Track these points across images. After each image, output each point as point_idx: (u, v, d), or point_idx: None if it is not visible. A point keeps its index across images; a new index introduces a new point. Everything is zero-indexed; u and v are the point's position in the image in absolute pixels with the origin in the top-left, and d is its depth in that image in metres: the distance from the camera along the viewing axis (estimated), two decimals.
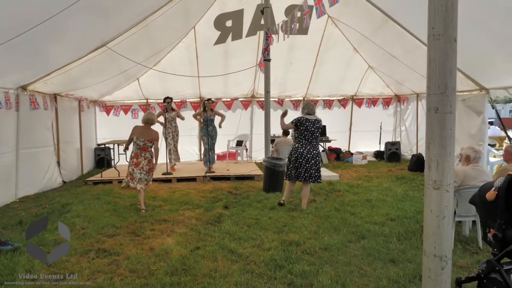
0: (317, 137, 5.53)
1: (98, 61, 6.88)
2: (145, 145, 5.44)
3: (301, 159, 5.49)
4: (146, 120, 5.51)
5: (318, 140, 5.59)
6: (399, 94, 11.18)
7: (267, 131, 7.36)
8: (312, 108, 5.57)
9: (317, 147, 5.54)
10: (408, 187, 7.00)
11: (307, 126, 5.54)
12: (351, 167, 9.63)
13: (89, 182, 7.74)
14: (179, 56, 8.99)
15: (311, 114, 5.55)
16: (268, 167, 6.62)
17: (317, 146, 5.56)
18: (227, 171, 8.47)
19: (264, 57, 6.94)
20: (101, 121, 10.50)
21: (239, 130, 10.66)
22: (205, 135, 8.37)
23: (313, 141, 5.49)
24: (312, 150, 5.45)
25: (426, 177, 2.42)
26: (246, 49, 9.07)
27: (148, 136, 5.42)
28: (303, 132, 5.54)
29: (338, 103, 11.27)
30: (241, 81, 10.01)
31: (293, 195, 6.05)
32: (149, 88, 9.89)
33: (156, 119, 5.56)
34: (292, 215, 5.12)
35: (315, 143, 5.51)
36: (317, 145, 5.57)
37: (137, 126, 5.56)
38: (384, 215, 5.13)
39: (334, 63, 9.82)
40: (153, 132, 5.46)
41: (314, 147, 5.49)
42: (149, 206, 5.66)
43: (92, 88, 8.68)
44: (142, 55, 7.86)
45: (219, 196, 6.33)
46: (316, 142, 5.54)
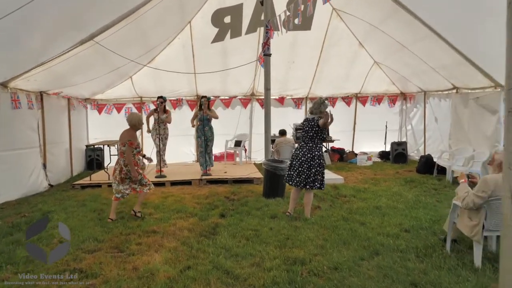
0: (313, 137, 4.88)
1: (86, 57, 6.38)
2: (120, 150, 4.94)
3: (295, 161, 5.00)
4: (127, 120, 5.03)
5: (316, 141, 4.89)
6: (405, 92, 10.69)
7: (268, 131, 6.85)
8: (316, 107, 5.03)
9: (314, 149, 4.87)
10: (419, 192, 6.51)
11: (303, 126, 5.07)
12: (355, 169, 9.14)
13: (76, 186, 7.24)
14: (175, 54, 8.48)
15: (313, 113, 5.05)
16: (269, 171, 6.12)
17: (316, 148, 4.87)
18: (224, 173, 7.98)
19: (264, 51, 6.43)
20: (93, 120, 9.99)
21: (238, 129, 10.17)
22: (200, 136, 7.87)
23: (309, 142, 4.91)
24: (307, 153, 4.89)
25: (506, 184, 1.97)
26: (245, 47, 8.57)
27: (121, 139, 4.93)
28: (300, 133, 5.09)
29: (342, 100, 10.76)
30: (241, 79, 9.51)
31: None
32: (143, 86, 9.38)
33: (136, 120, 4.95)
34: (295, 226, 4.63)
35: (311, 145, 4.89)
36: (315, 146, 4.88)
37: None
38: (397, 225, 4.64)
39: (338, 59, 9.32)
40: (125, 135, 4.91)
41: (311, 149, 4.87)
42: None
43: (82, 87, 8.17)
44: (134, 52, 7.36)
45: (215, 202, 5.84)
46: (313, 143, 4.88)
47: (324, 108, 4.93)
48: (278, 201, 5.87)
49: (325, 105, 4.97)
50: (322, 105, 4.95)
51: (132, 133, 4.94)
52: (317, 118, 4.89)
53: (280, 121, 9.94)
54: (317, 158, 4.85)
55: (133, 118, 4.99)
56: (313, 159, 4.85)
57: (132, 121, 4.95)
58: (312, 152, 4.88)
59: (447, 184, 7.10)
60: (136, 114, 5.22)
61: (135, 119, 4.97)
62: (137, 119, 5.01)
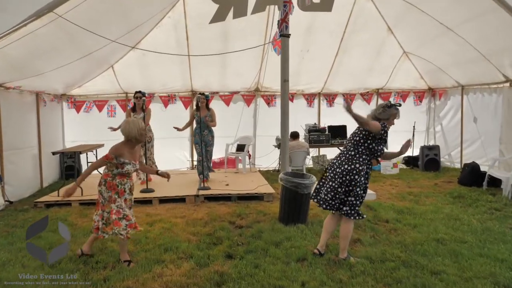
0: (358, 144, 3.46)
1: (47, 35, 4.87)
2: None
3: (329, 172, 3.59)
4: (121, 131, 3.51)
5: (361, 150, 3.44)
6: (434, 87, 9.25)
7: (285, 135, 5.36)
8: (380, 111, 3.55)
9: (355, 161, 3.42)
10: (478, 213, 5.06)
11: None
12: (382, 178, 7.68)
13: (39, 204, 5.70)
14: (165, 37, 6.94)
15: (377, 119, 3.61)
16: (288, 189, 4.64)
17: (357, 160, 3.42)
18: (226, 186, 6.48)
19: (280, 31, 4.93)
20: (70, 120, 8.44)
21: (240, 131, 8.66)
22: (198, 141, 6.39)
23: (351, 150, 3.48)
24: (344, 163, 3.44)
25: None
26: (251, 30, 7.06)
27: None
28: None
29: (360, 97, 9.30)
30: (243, 71, 8.02)
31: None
32: (128, 78, 7.81)
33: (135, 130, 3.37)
34: (339, 279, 3.14)
35: (352, 154, 3.45)
36: (358, 158, 3.42)
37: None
38: (487, 276, 3.17)
39: (362, 49, 7.85)
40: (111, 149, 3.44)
41: (350, 160, 3.43)
42: (109, 255, 3.66)
43: (51, 77, 6.58)
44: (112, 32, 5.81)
45: (218, 232, 4.33)
46: (356, 152, 3.45)
47: (391, 113, 3.49)
48: (301, 229, 4.41)
49: (390, 109, 3.50)
50: (387, 108, 3.49)
51: (122, 148, 3.40)
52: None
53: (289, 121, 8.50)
54: (355, 173, 3.38)
55: (131, 128, 3.36)
56: (349, 173, 3.39)
57: (131, 133, 3.37)
58: (352, 163, 3.42)
59: (506, 201, 5.66)
60: (134, 121, 3.45)
61: (133, 130, 3.36)
62: (136, 128, 3.37)
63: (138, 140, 3.46)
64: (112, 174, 3.44)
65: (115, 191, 3.43)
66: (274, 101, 8.83)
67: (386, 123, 3.47)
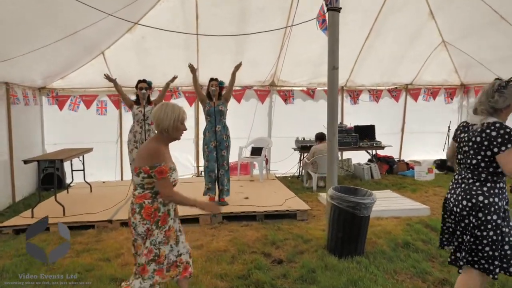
0: (479, 166, 2.24)
1: (14, 6, 3.59)
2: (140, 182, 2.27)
3: (447, 213, 2.43)
4: (152, 119, 2.33)
5: (486, 177, 2.23)
6: (467, 83, 8.24)
7: (332, 139, 4.16)
8: (482, 101, 2.35)
9: (478, 192, 2.23)
10: None
11: (460, 139, 2.42)
12: (419, 186, 6.61)
13: (5, 229, 4.37)
14: (170, 15, 5.67)
15: (476, 113, 2.39)
16: (343, 210, 3.48)
17: (481, 190, 2.22)
18: (245, 200, 5.30)
19: (328, 3, 3.75)
20: (51, 119, 7.10)
21: (253, 132, 7.47)
22: (208, 141, 5.12)
23: (469, 175, 2.30)
24: (463, 198, 2.27)
25: None
26: (274, 10, 5.87)
27: (137, 162, 2.26)
28: (457, 151, 2.46)
29: (388, 94, 8.21)
30: (260, 60, 6.82)
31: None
32: (122, 69, 6.49)
33: (171, 117, 2.21)
34: None
35: (472, 181, 2.27)
36: (482, 186, 2.23)
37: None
38: None
39: (396, 33, 6.74)
40: (143, 153, 2.27)
41: (469, 191, 2.26)
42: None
43: (25, 64, 5.26)
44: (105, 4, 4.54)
45: (254, 274, 3.14)
46: (479, 177, 2.24)
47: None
48: (363, 265, 3.29)
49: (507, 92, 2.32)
50: (503, 90, 2.30)
51: (158, 149, 2.21)
52: (490, 130, 2.23)
53: (309, 121, 7.39)
54: (484, 211, 2.19)
55: (166, 114, 2.22)
56: (473, 211, 2.22)
57: (163, 122, 2.21)
58: (473, 195, 2.24)
59: None
60: (174, 107, 2.27)
61: (168, 118, 2.21)
62: (173, 117, 2.22)
63: (170, 136, 2.27)
64: (152, 194, 2.24)
65: (155, 220, 2.22)
66: (292, 98, 7.69)
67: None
